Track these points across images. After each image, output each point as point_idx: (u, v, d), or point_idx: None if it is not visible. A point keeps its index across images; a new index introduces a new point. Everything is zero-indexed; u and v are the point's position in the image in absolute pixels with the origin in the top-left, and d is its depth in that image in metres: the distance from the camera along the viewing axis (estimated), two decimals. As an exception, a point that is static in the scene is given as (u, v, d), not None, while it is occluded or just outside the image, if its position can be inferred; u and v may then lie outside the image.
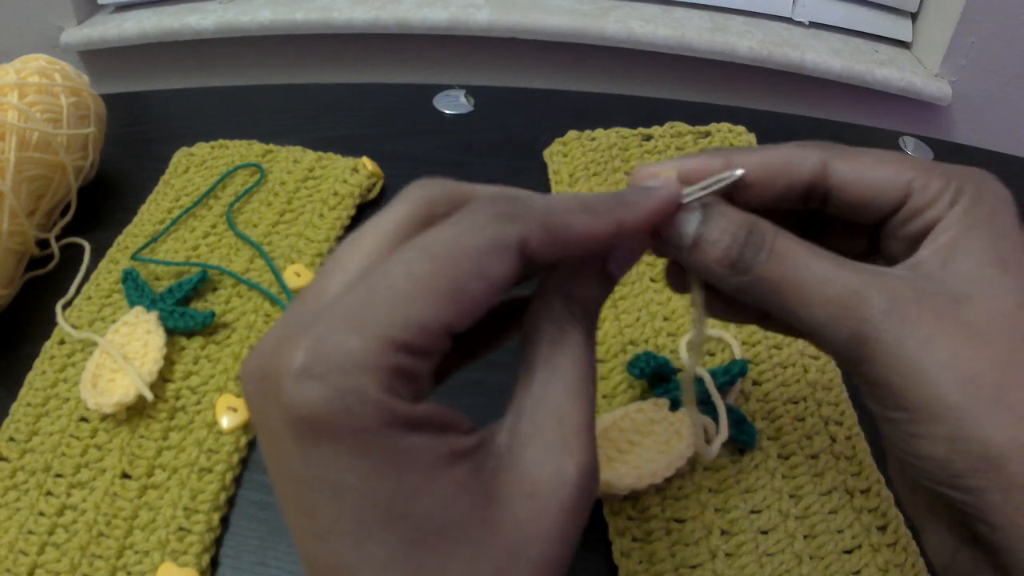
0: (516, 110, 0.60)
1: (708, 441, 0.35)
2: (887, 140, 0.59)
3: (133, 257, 0.45)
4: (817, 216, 0.24)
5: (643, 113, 0.56)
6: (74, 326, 0.41)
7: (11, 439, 0.36)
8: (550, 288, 0.21)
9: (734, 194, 0.23)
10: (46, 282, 0.45)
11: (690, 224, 0.22)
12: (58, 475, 0.35)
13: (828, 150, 0.23)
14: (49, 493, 0.34)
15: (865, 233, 0.24)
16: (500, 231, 0.18)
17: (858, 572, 0.32)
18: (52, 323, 0.41)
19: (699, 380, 0.37)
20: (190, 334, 0.41)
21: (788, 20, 0.83)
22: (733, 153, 0.23)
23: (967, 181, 0.22)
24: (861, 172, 0.22)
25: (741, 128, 0.53)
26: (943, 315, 0.20)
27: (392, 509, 0.17)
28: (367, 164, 0.51)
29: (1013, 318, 0.20)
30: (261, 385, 0.18)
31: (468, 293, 0.18)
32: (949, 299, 0.20)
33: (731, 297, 0.23)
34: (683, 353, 0.39)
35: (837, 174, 0.23)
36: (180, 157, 0.53)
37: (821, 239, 0.23)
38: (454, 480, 0.17)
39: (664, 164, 0.23)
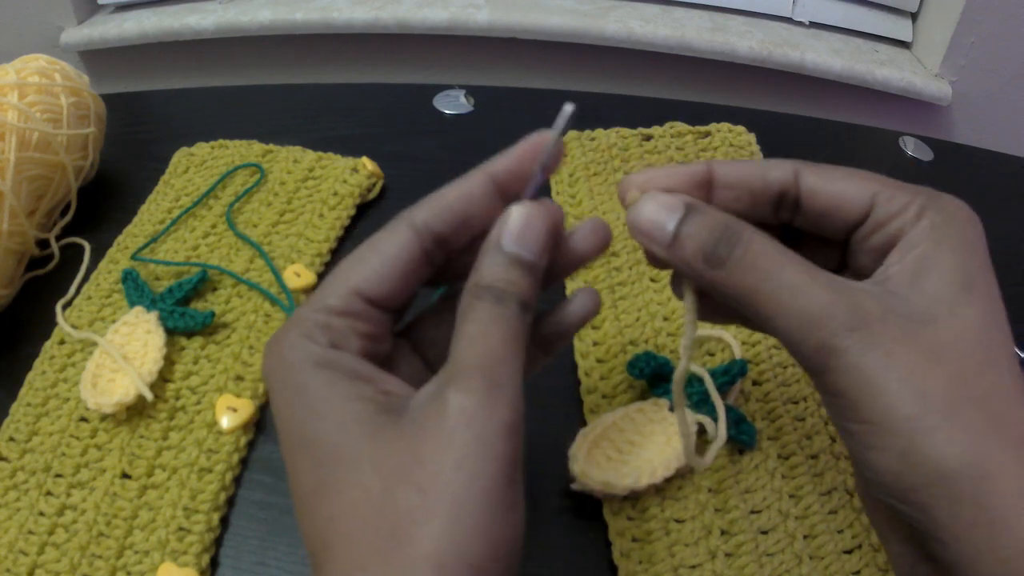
0: (516, 110, 0.60)
1: (707, 441, 0.35)
2: (887, 140, 0.59)
3: (133, 257, 0.45)
4: (790, 231, 0.25)
5: (643, 113, 0.56)
6: (74, 326, 0.41)
7: (11, 439, 0.36)
8: (471, 276, 0.23)
9: (712, 199, 0.24)
10: (46, 282, 0.45)
11: (671, 220, 0.23)
12: (58, 475, 0.35)
13: (799, 163, 0.24)
14: (49, 493, 0.34)
15: (836, 248, 0.25)
16: (396, 220, 0.24)
17: (858, 572, 0.32)
18: (52, 323, 0.41)
19: (699, 380, 0.37)
20: (190, 334, 0.41)
21: (788, 20, 0.83)
22: (712, 162, 0.25)
23: (932, 199, 0.23)
24: (829, 182, 0.24)
25: (741, 128, 0.53)
26: (906, 334, 0.20)
27: (301, 431, 0.21)
28: (367, 164, 0.51)
29: (973, 341, 0.20)
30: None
31: (368, 263, 0.23)
32: (913, 318, 0.21)
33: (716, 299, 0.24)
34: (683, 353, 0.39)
35: (806, 183, 0.24)
36: (180, 157, 0.53)
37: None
38: (349, 413, 0.21)
39: (646, 174, 0.25)
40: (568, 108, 0.23)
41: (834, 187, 0.23)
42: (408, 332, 0.26)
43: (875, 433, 0.20)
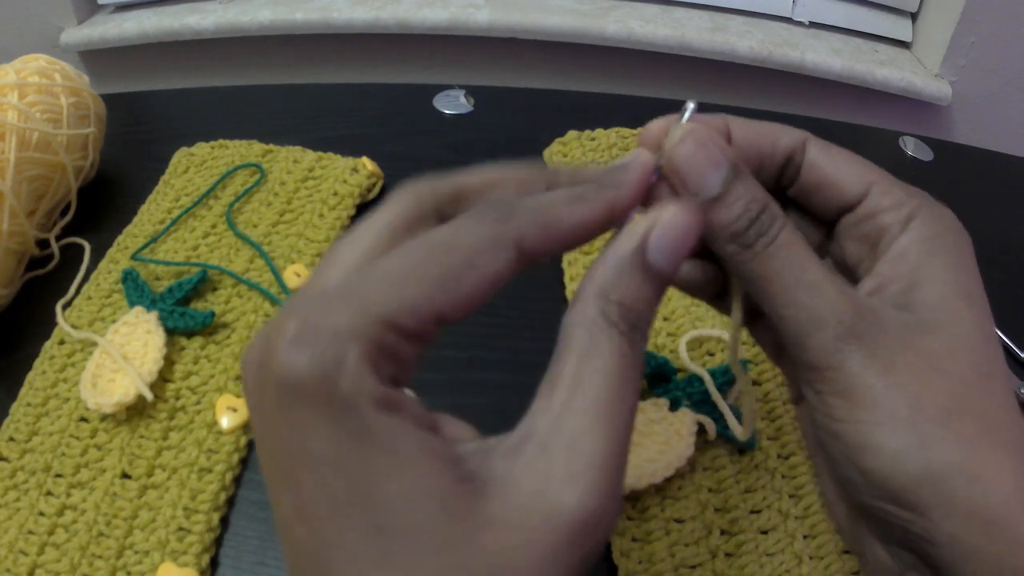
0: (516, 110, 0.60)
1: (707, 440, 0.35)
2: (887, 140, 0.59)
3: (133, 257, 0.45)
4: (781, 200, 0.25)
5: (643, 113, 0.55)
6: (74, 326, 0.41)
7: (11, 439, 0.36)
8: (586, 289, 0.19)
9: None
10: (46, 282, 0.45)
11: (715, 178, 0.22)
12: (58, 475, 0.35)
13: (808, 134, 0.24)
14: (49, 493, 0.34)
15: (821, 229, 0.25)
16: (495, 228, 0.19)
17: (857, 572, 0.32)
18: (52, 323, 0.41)
19: (699, 380, 0.37)
20: (190, 334, 0.41)
21: (788, 20, 0.83)
22: (728, 117, 0.25)
23: (925, 203, 0.23)
24: (832, 159, 0.24)
25: (741, 128, 0.53)
26: (908, 341, 0.21)
27: (360, 489, 0.16)
28: (367, 164, 0.51)
29: (972, 351, 0.21)
30: (258, 363, 0.17)
31: (459, 282, 0.18)
32: (915, 327, 0.21)
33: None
34: (683, 353, 0.39)
35: (811, 155, 0.24)
36: (180, 157, 0.53)
37: None
38: (425, 479, 0.16)
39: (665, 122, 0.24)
40: (691, 104, 0.23)
41: (835, 165, 0.23)
42: None
43: (871, 434, 0.20)
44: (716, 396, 0.35)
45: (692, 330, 0.40)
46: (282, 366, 0.16)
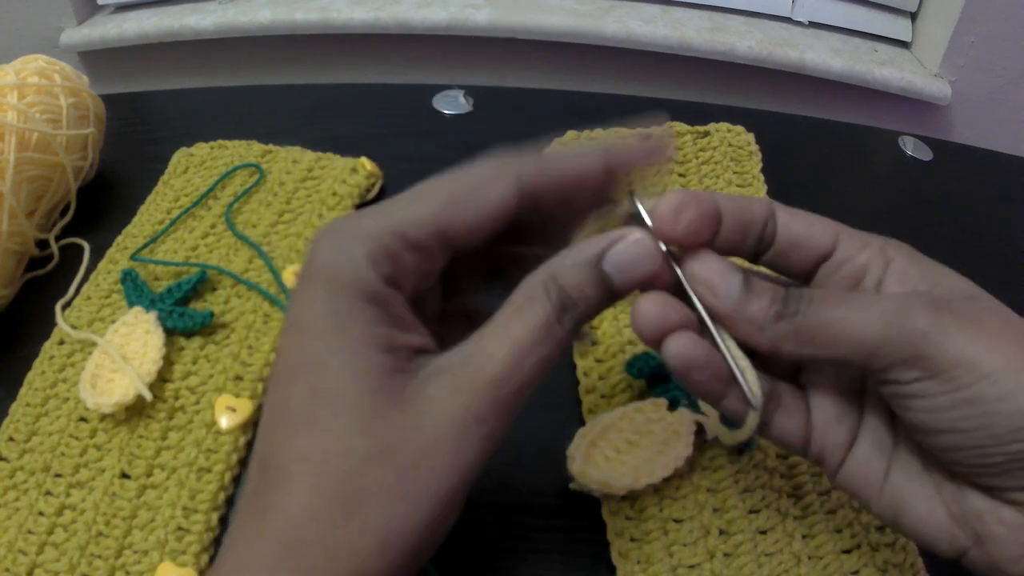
0: (515, 110, 0.60)
1: (706, 440, 0.35)
2: (887, 140, 0.59)
3: (132, 257, 0.45)
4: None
5: (642, 113, 0.56)
6: (73, 326, 0.41)
7: (10, 439, 0.36)
8: (544, 267, 0.23)
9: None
10: (46, 282, 0.45)
11: (733, 286, 0.24)
12: (57, 475, 0.35)
13: (772, 201, 0.26)
14: (48, 493, 0.34)
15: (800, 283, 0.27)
16: (498, 165, 0.22)
17: (857, 572, 0.32)
18: (51, 323, 0.41)
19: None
20: (189, 334, 0.41)
21: (788, 20, 0.83)
22: (714, 194, 0.25)
23: (887, 240, 0.25)
24: (800, 218, 0.25)
25: (740, 128, 0.53)
26: (972, 308, 0.23)
27: (315, 356, 0.21)
28: (366, 164, 0.51)
29: (1017, 323, 0.23)
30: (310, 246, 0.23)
31: (462, 205, 0.22)
32: (965, 301, 0.23)
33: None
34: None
35: (782, 218, 0.25)
36: (179, 157, 0.53)
37: None
38: (365, 360, 0.20)
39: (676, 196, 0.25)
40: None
41: (805, 222, 0.25)
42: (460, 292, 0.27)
43: (969, 385, 0.21)
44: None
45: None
46: (311, 250, 0.22)
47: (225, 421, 0.37)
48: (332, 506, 0.20)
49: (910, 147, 0.58)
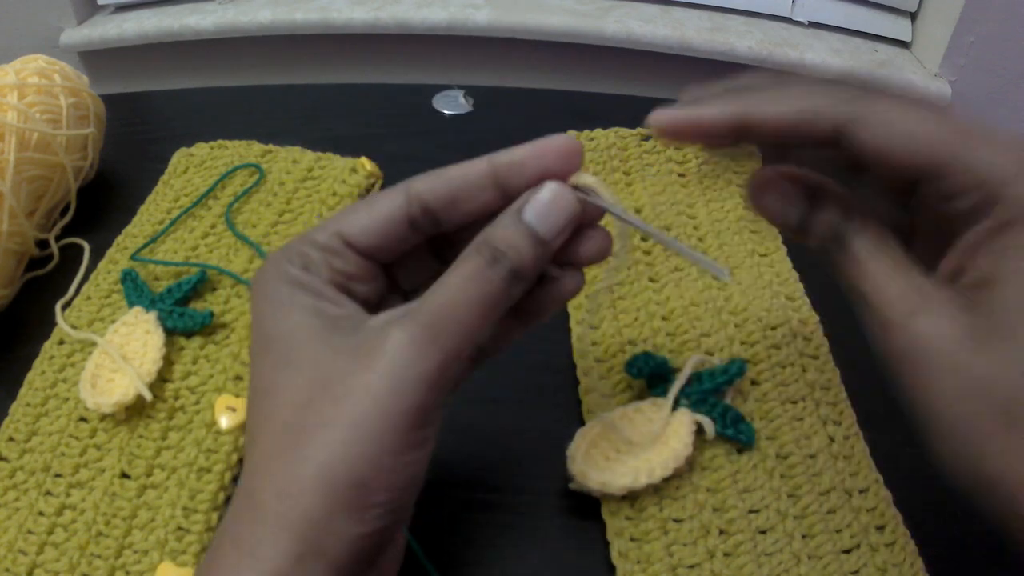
0: (515, 110, 0.60)
1: (705, 440, 0.35)
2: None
3: (132, 257, 0.45)
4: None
5: (642, 113, 0.55)
6: (73, 326, 0.41)
7: (10, 439, 0.36)
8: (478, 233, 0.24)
9: (752, 136, 0.25)
10: (46, 282, 0.45)
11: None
12: (57, 475, 0.35)
13: (853, 103, 0.23)
14: (48, 493, 0.34)
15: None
16: (399, 184, 0.25)
17: (856, 572, 0.32)
18: (51, 323, 0.41)
19: (698, 379, 0.37)
20: (189, 334, 0.41)
21: (788, 20, 0.83)
22: (749, 103, 0.24)
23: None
24: (889, 138, 0.22)
25: (740, 128, 0.53)
26: None
27: (264, 333, 0.24)
28: (366, 164, 0.51)
29: None
30: None
31: (356, 212, 0.25)
32: None
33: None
34: (687, 370, 0.39)
35: (861, 137, 0.23)
36: (179, 157, 0.53)
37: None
38: (305, 321, 0.23)
39: (679, 110, 0.26)
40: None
41: (894, 144, 0.22)
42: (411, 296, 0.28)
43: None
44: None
45: (695, 344, 0.41)
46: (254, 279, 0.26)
47: (225, 421, 0.37)
48: (280, 447, 0.22)
49: (910, 147, 0.58)
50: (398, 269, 0.27)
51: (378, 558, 0.23)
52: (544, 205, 0.24)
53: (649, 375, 0.37)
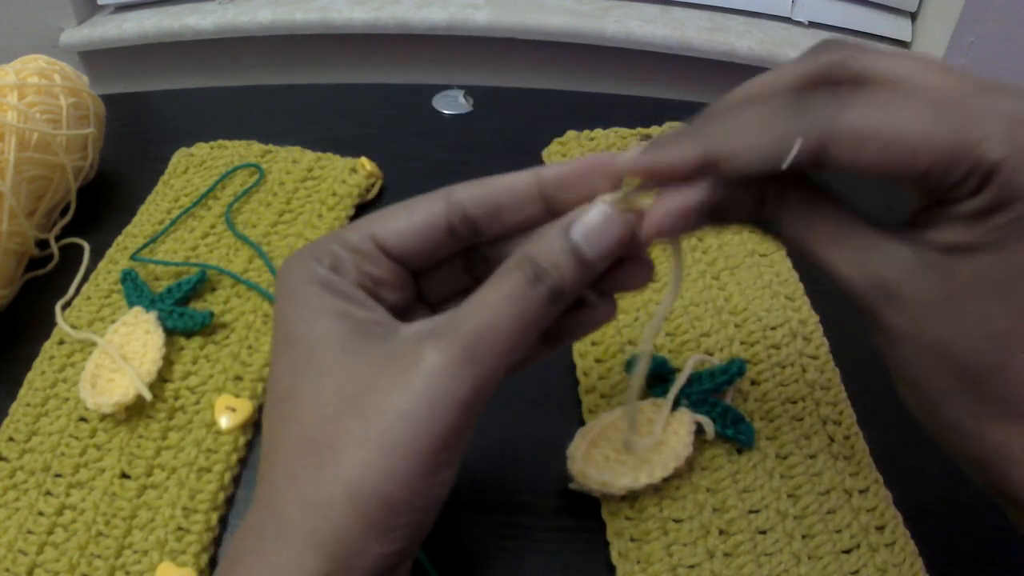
0: (515, 110, 0.60)
1: (705, 440, 0.35)
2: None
3: (132, 257, 0.45)
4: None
5: (642, 113, 0.56)
6: (73, 326, 0.41)
7: (10, 439, 0.36)
8: (515, 249, 0.24)
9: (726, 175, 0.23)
10: (46, 282, 0.45)
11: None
12: (57, 475, 0.35)
13: (820, 121, 0.20)
14: (48, 493, 0.34)
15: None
16: (441, 190, 0.24)
17: (856, 572, 0.32)
18: (51, 323, 0.41)
19: (698, 379, 0.37)
20: (189, 334, 0.41)
21: (788, 20, 0.83)
22: (710, 140, 0.22)
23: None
24: (870, 152, 0.20)
25: (740, 128, 0.53)
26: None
27: (287, 333, 0.23)
28: (366, 164, 0.51)
29: None
30: None
31: (392, 215, 0.24)
32: None
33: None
34: (688, 368, 0.39)
35: (839, 158, 0.20)
36: (179, 157, 0.53)
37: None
38: (333, 324, 0.22)
39: (628, 154, 0.24)
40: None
41: (882, 141, 0.20)
42: (439, 306, 0.27)
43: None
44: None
45: (695, 344, 0.41)
46: (279, 273, 0.25)
47: (225, 421, 0.37)
48: (305, 460, 0.21)
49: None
50: (426, 279, 0.26)
51: None
52: (594, 226, 0.23)
53: (649, 375, 0.37)
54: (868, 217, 0.23)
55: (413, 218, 0.24)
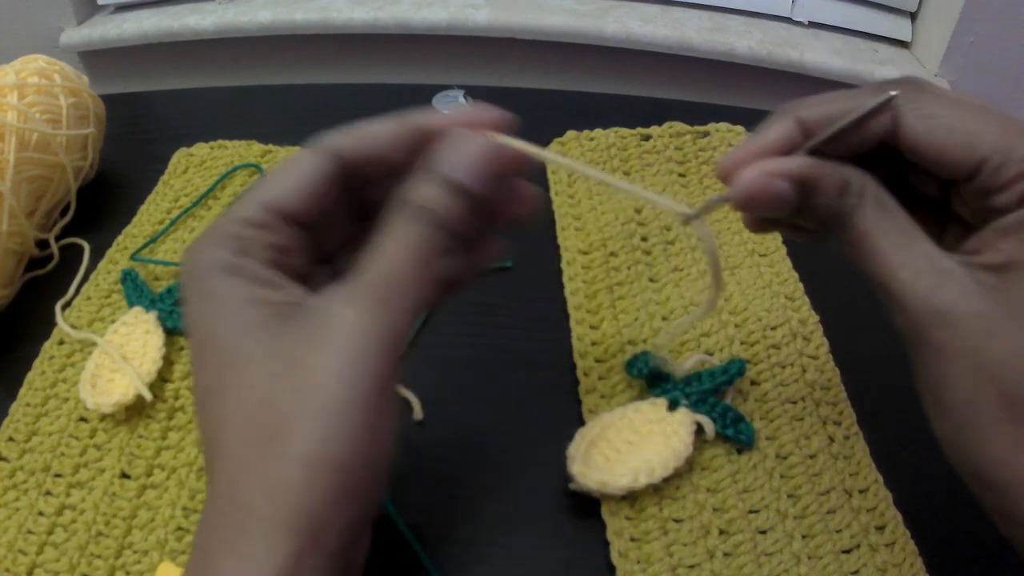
0: (515, 110, 0.60)
1: (705, 440, 0.35)
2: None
3: (132, 257, 0.45)
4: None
5: (642, 113, 0.56)
6: (73, 326, 0.41)
7: (10, 439, 0.36)
8: (398, 189, 0.24)
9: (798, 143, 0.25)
10: (46, 282, 0.45)
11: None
12: (57, 475, 0.35)
13: (903, 101, 0.24)
14: (48, 493, 0.34)
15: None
16: (315, 143, 0.25)
17: (856, 572, 0.32)
18: (51, 323, 0.41)
19: (698, 379, 0.37)
20: (189, 334, 0.41)
21: (788, 20, 0.83)
22: (798, 108, 0.25)
23: None
24: (933, 136, 0.23)
25: (740, 128, 0.53)
26: None
27: (208, 331, 0.22)
28: (366, 164, 0.51)
29: None
30: None
31: (279, 179, 0.24)
32: None
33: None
34: (688, 365, 0.39)
35: (908, 136, 0.24)
36: (179, 157, 0.53)
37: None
38: (247, 315, 0.22)
39: (743, 149, 0.26)
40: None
41: (937, 144, 0.24)
42: (333, 261, 0.27)
43: None
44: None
45: (695, 344, 0.41)
46: (180, 270, 0.24)
47: (225, 421, 0.37)
48: (253, 446, 0.21)
49: (910, 147, 0.58)
50: (319, 236, 0.26)
51: (355, 547, 0.23)
52: (459, 153, 0.24)
53: (649, 375, 0.37)
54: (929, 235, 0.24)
55: (297, 176, 0.24)
